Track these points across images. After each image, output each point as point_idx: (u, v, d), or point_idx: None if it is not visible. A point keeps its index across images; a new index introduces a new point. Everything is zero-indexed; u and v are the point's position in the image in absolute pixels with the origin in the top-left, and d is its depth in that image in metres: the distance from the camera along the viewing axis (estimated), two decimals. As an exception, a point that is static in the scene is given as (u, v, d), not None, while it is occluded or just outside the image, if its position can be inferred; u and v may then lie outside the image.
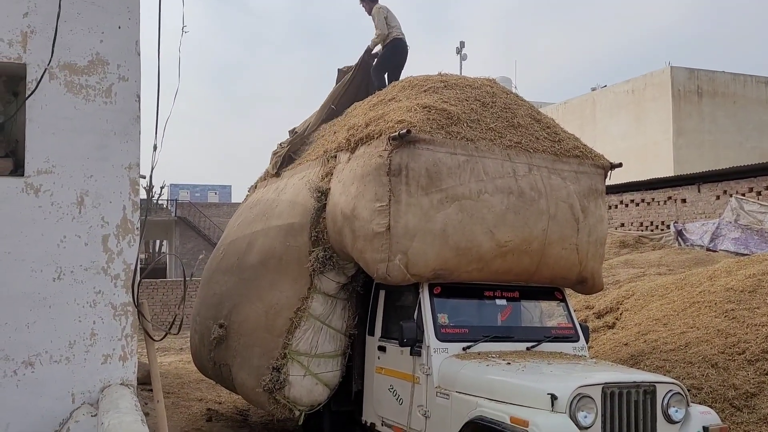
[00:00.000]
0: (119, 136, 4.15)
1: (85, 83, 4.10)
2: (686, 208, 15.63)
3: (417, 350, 5.53)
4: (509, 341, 5.76)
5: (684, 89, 24.32)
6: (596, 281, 6.43)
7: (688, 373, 6.64)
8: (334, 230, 6.10)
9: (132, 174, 4.15)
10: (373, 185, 5.63)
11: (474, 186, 5.66)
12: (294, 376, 6.26)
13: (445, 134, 5.70)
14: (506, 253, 5.75)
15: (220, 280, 7.75)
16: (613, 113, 26.41)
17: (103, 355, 4.09)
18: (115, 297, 4.12)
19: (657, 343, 7.55)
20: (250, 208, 8.31)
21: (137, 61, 4.21)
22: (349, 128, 6.55)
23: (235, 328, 6.98)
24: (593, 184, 6.34)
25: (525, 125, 6.30)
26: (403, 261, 5.47)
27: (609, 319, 9.26)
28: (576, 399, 4.44)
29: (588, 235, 6.16)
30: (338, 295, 6.42)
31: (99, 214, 4.11)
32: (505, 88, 6.92)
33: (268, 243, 7.04)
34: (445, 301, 5.77)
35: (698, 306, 8.05)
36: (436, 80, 6.60)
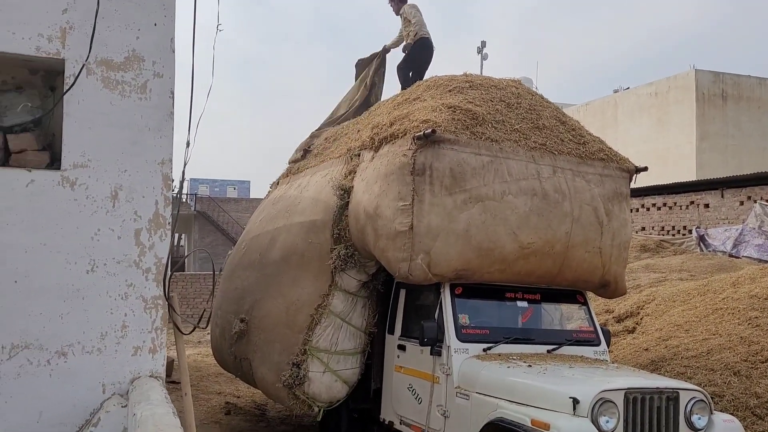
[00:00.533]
0: (153, 131, 4.23)
1: (121, 79, 4.18)
2: (709, 213, 15.47)
3: (437, 350, 5.54)
4: (530, 343, 5.75)
5: (708, 93, 24.05)
6: (619, 285, 6.40)
7: (710, 380, 6.59)
8: (357, 228, 6.13)
9: (164, 169, 4.22)
10: (396, 184, 5.65)
11: (498, 187, 5.66)
12: (313, 373, 6.30)
13: (469, 135, 5.70)
14: (529, 255, 5.74)
15: (242, 275, 7.81)
16: (635, 116, 26.18)
17: (134, 347, 4.17)
18: (146, 290, 4.20)
19: (678, 349, 7.49)
20: (272, 204, 8.36)
21: (172, 58, 4.28)
22: (374, 127, 6.57)
23: (256, 323, 7.04)
24: (618, 187, 6.31)
25: (550, 127, 6.28)
26: (425, 260, 5.48)
27: (629, 324, 9.20)
28: (598, 403, 4.43)
29: (612, 239, 6.13)
30: (359, 292, 6.45)
31: (132, 209, 4.19)
32: (530, 89, 6.90)
33: (290, 239, 7.08)
34: (467, 302, 5.77)
35: (721, 313, 7.98)
36: (461, 80, 6.59)
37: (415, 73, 8.41)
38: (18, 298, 4.09)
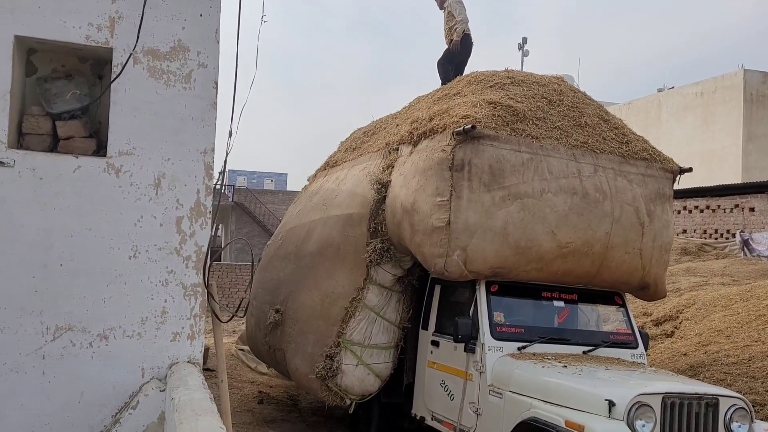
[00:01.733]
0: (196, 121, 4.28)
1: (166, 69, 4.24)
2: (754, 217, 15.05)
3: (471, 347, 5.52)
4: (565, 344, 5.68)
5: (757, 93, 23.37)
6: (659, 288, 6.29)
7: (751, 388, 6.43)
8: (393, 223, 6.13)
9: (207, 158, 4.28)
10: (434, 179, 5.63)
11: (537, 185, 5.60)
12: (347, 365, 6.32)
13: (509, 131, 5.65)
14: (567, 255, 5.67)
15: (278, 266, 7.89)
16: (680, 116, 25.59)
17: (173, 333, 4.24)
18: (186, 277, 4.27)
19: (718, 355, 7.33)
20: (309, 196, 8.42)
21: (216, 48, 4.33)
22: (413, 121, 6.56)
23: (291, 314, 7.10)
24: (660, 188, 6.19)
25: (592, 125, 6.19)
26: (462, 257, 5.46)
27: (667, 328, 9.03)
28: (635, 407, 4.36)
29: (653, 240, 6.02)
30: (393, 287, 6.45)
31: (174, 197, 4.26)
32: (572, 87, 6.81)
33: (326, 232, 7.12)
34: (502, 300, 5.73)
35: (764, 319, 7.79)
36: (502, 76, 6.54)
37: (455, 70, 8.37)
38: (63, 281, 4.19)
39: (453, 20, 8.57)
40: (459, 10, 8.58)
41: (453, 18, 8.57)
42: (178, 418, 2.54)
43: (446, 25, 8.72)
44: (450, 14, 8.63)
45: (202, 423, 2.36)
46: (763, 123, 23.34)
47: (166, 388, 3.96)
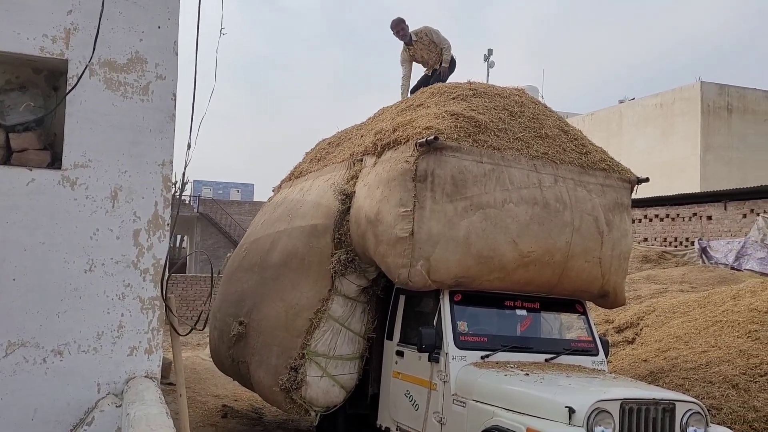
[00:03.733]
0: (154, 133, 4.24)
1: (123, 80, 4.20)
2: (712, 225, 15.44)
3: (435, 357, 5.55)
4: (528, 352, 5.75)
5: (714, 105, 24.03)
6: (618, 296, 6.40)
7: (708, 393, 6.57)
8: (358, 233, 6.14)
9: (165, 171, 4.24)
10: (398, 190, 5.66)
11: (499, 195, 5.66)
12: (311, 377, 6.29)
13: (472, 142, 5.71)
14: (528, 264, 5.74)
15: (242, 277, 7.82)
16: (640, 126, 26.17)
17: (130, 347, 4.18)
18: (143, 291, 4.21)
19: (677, 361, 7.48)
20: (274, 207, 8.39)
21: (175, 60, 4.30)
22: (377, 132, 6.59)
23: (255, 326, 7.04)
24: (619, 197, 6.31)
25: (552, 136, 6.29)
26: (425, 267, 5.49)
27: (629, 334, 9.18)
28: (594, 413, 4.42)
29: (612, 249, 6.13)
30: (358, 298, 6.45)
31: (131, 209, 4.20)
32: (533, 98, 6.91)
33: (291, 243, 7.10)
34: (465, 309, 5.78)
35: (721, 325, 7.97)
36: (464, 88, 6.61)
37: None
38: (16, 295, 4.10)
39: (436, 48, 8.64)
40: (441, 37, 8.64)
41: (435, 46, 8.64)
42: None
43: (424, 53, 8.76)
44: (432, 42, 8.66)
45: (156, 439, 2.32)
46: (719, 134, 24.00)
47: (122, 403, 3.89)
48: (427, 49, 8.72)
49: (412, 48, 8.71)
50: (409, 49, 8.71)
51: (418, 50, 8.72)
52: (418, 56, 8.77)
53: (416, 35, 8.66)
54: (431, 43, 8.67)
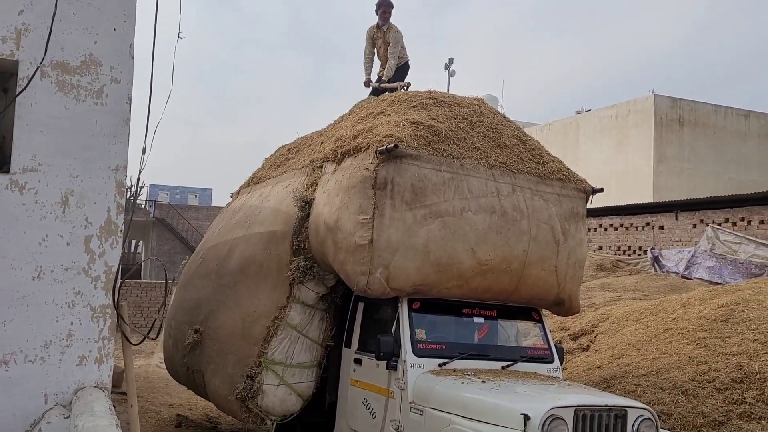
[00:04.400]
0: (108, 137, 4.14)
1: (76, 83, 4.09)
2: (663, 234, 15.85)
3: (393, 364, 5.55)
4: (485, 359, 5.79)
5: (666, 117, 24.72)
6: (573, 303, 6.50)
7: (659, 399, 6.73)
8: (317, 240, 6.11)
9: (119, 176, 4.13)
10: (358, 198, 5.66)
11: (458, 203, 5.71)
12: (268, 386, 6.23)
13: (431, 151, 5.75)
14: (486, 272, 5.80)
15: (198, 284, 7.70)
16: (596, 137, 26.75)
17: (79, 357, 4.05)
18: (94, 298, 4.09)
19: (629, 368, 7.64)
20: (232, 213, 8.29)
21: (130, 63, 4.21)
22: (337, 139, 6.58)
23: (211, 334, 6.93)
24: (575, 207, 6.43)
25: (510, 146, 6.38)
26: (384, 274, 5.49)
27: (584, 342, 9.35)
28: (548, 420, 4.48)
29: (567, 258, 6.23)
30: (317, 305, 6.42)
31: (83, 215, 4.09)
32: (492, 108, 7.00)
33: (249, 250, 7.02)
34: (424, 317, 5.80)
35: (671, 333, 8.17)
36: (425, 96, 6.66)
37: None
38: (-40, 303, 3.94)
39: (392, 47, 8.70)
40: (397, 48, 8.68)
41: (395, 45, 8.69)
42: (79, 447, 2.42)
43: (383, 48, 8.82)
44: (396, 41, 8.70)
45: (104, 452, 2.25)
46: (672, 146, 24.69)
47: (70, 414, 3.78)
48: (385, 50, 8.80)
49: (380, 34, 8.77)
50: (377, 32, 8.78)
51: (381, 41, 8.81)
52: (378, 45, 8.84)
53: (388, 26, 8.75)
54: (394, 41, 8.73)
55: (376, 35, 8.86)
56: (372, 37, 8.87)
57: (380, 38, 8.82)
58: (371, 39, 8.87)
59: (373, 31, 8.88)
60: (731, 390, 6.63)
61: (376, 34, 8.85)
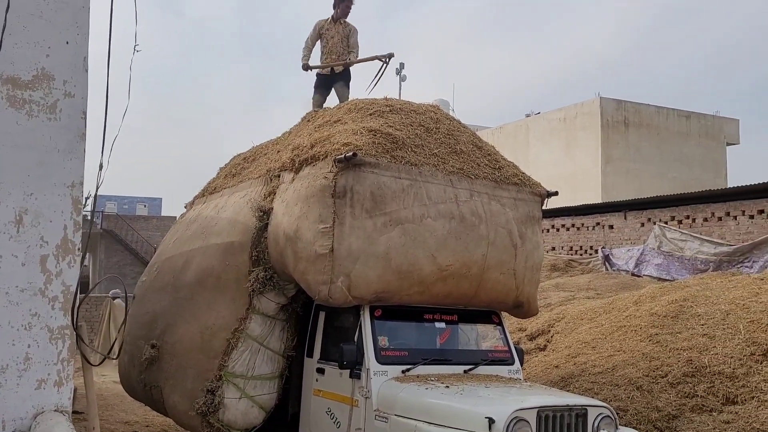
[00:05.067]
0: (63, 153, 4.01)
1: (28, 98, 3.95)
2: (613, 234, 16.29)
3: (356, 373, 5.54)
4: (447, 364, 5.84)
5: (612, 119, 25.45)
6: (532, 306, 6.62)
7: (615, 396, 6.89)
8: (276, 251, 6.06)
9: (75, 192, 4.01)
10: (317, 206, 5.64)
11: (417, 210, 5.75)
12: (229, 399, 6.15)
13: (390, 158, 5.78)
14: (447, 277, 5.85)
15: (154, 298, 7.53)
16: (546, 140, 27.33)
17: (37, 380, 3.91)
18: (52, 320, 3.95)
19: (586, 366, 7.81)
20: (187, 224, 8.14)
21: (85, 77, 4.10)
22: (294, 148, 6.55)
23: (168, 348, 6.80)
24: (531, 211, 6.55)
25: (467, 152, 6.46)
26: (346, 283, 5.49)
27: (541, 342, 9.52)
28: (512, 422, 4.56)
29: (525, 261, 6.34)
30: (277, 315, 6.37)
31: (38, 234, 3.95)
32: (448, 115, 7.08)
33: (206, 261, 6.91)
34: (386, 324, 5.82)
35: (625, 330, 8.39)
36: (381, 104, 6.68)
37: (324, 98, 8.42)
38: None
39: (345, 47, 8.42)
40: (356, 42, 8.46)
41: (347, 46, 8.40)
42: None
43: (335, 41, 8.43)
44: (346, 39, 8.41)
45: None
46: (618, 147, 25.42)
47: (30, 441, 3.65)
48: (340, 42, 8.46)
49: (332, 27, 8.48)
50: (330, 25, 8.48)
51: (334, 33, 8.48)
52: (329, 37, 8.48)
53: (343, 21, 8.48)
54: (345, 40, 8.45)
55: (327, 28, 8.50)
56: (321, 28, 8.53)
57: (334, 31, 8.48)
58: (318, 30, 8.53)
59: (324, 23, 8.54)
60: (683, 384, 6.85)
61: (329, 26, 8.50)
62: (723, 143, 28.20)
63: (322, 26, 8.55)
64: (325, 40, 8.55)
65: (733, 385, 6.64)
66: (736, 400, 6.50)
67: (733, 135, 28.72)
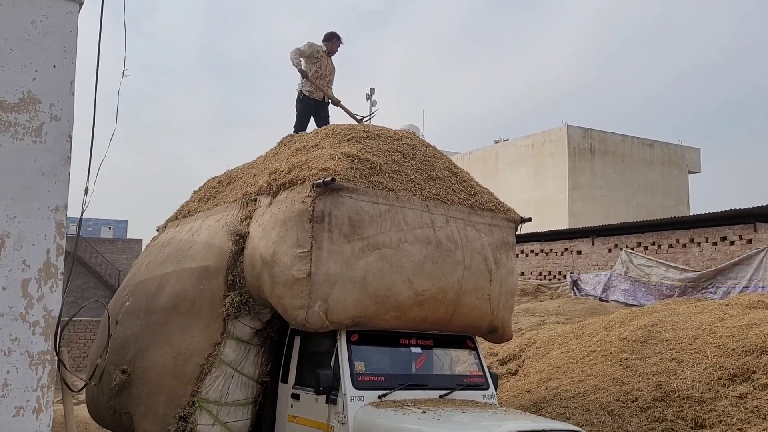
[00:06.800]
0: (47, 176, 3.98)
1: (14, 121, 3.92)
2: (581, 259, 16.56)
3: (333, 398, 5.52)
4: (423, 389, 5.85)
5: (579, 147, 26.02)
6: (506, 330, 6.69)
7: (587, 420, 6.97)
8: (252, 275, 6.05)
9: (59, 216, 3.97)
10: (295, 231, 5.65)
11: (394, 235, 5.80)
12: (202, 426, 6.05)
13: (367, 183, 5.84)
14: (423, 302, 5.89)
15: (125, 323, 7.42)
16: (514, 166, 27.77)
17: (16, 408, 3.81)
18: (32, 345, 3.88)
19: (557, 391, 7.90)
20: (160, 248, 8.06)
21: (71, 101, 4.08)
22: (271, 172, 6.57)
23: (140, 374, 6.69)
24: (505, 236, 6.66)
25: (443, 178, 6.56)
26: (323, 308, 5.49)
27: (512, 366, 9.60)
28: (490, 447, 4.59)
29: (500, 286, 6.43)
30: (252, 340, 6.32)
31: (20, 257, 3.89)
32: (424, 141, 7.19)
33: (180, 285, 6.85)
34: (362, 349, 5.81)
35: (595, 355, 8.52)
36: (359, 130, 6.78)
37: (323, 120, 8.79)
38: None
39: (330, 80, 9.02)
40: None
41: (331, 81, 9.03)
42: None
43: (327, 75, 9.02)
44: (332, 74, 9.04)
45: None
46: (584, 174, 25.96)
47: (7, 471, 3.56)
48: (329, 74, 9.06)
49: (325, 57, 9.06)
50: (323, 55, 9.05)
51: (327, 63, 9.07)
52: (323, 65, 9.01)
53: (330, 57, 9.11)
54: (332, 74, 9.07)
55: (322, 56, 9.07)
56: (317, 52, 9.03)
57: (327, 61, 9.11)
58: (314, 53, 9.01)
59: (320, 49, 9.09)
60: (653, 408, 6.97)
61: (323, 56, 9.07)
62: (685, 171, 29.03)
63: (318, 50, 9.11)
64: (318, 65, 9.01)
65: (701, 410, 6.78)
66: (704, 424, 6.63)
67: (694, 163, 29.60)
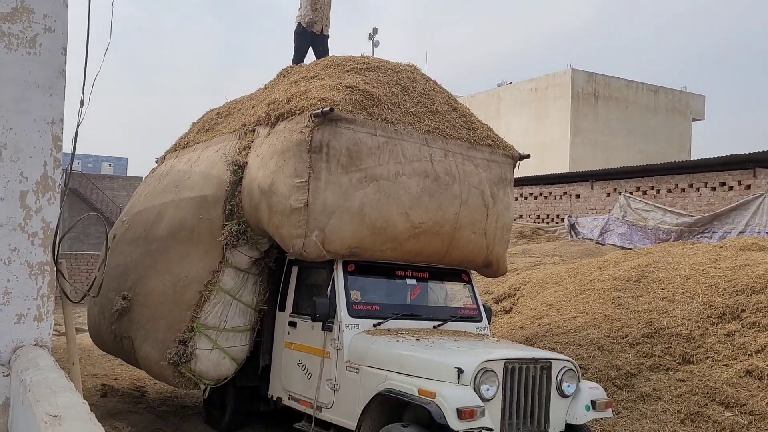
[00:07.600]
0: (42, 89, 3.95)
1: (7, 30, 3.86)
2: (580, 203, 16.61)
3: (329, 326, 5.63)
4: (418, 319, 5.97)
5: (582, 91, 25.72)
6: (501, 265, 6.77)
7: (577, 355, 7.12)
8: (250, 205, 6.08)
9: (55, 129, 3.96)
10: (292, 161, 5.66)
11: (392, 167, 5.81)
12: (201, 350, 6.21)
13: (366, 115, 5.81)
14: (419, 235, 5.95)
15: (125, 250, 7.50)
16: (517, 110, 27.52)
17: (17, 315, 3.90)
18: (31, 255, 3.94)
19: (550, 327, 8.05)
20: (159, 178, 8.08)
21: (65, 12, 4.01)
22: (270, 103, 6.53)
23: (140, 300, 6.81)
24: (503, 172, 6.66)
25: (442, 112, 6.51)
26: (320, 237, 5.55)
27: (506, 304, 9.75)
28: (480, 373, 4.70)
29: (496, 221, 6.47)
30: (250, 269, 6.41)
31: (17, 169, 3.91)
32: (424, 75, 7.10)
33: (179, 214, 6.90)
34: (358, 279, 5.90)
35: (588, 293, 8.64)
36: (358, 61, 6.69)
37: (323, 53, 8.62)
38: None
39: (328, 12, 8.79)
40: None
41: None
42: (33, 397, 2.37)
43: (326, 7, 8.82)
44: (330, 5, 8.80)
45: (62, 399, 2.22)
46: (587, 119, 25.76)
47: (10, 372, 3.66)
48: (327, 5, 8.80)
49: None
50: None
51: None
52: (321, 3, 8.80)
53: None
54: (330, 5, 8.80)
55: None
56: None
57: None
58: None
59: None
60: (642, 344, 7.12)
61: None
62: (689, 118, 28.80)
63: None
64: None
65: (689, 346, 6.93)
66: (691, 360, 6.79)
67: (698, 110, 29.33)
